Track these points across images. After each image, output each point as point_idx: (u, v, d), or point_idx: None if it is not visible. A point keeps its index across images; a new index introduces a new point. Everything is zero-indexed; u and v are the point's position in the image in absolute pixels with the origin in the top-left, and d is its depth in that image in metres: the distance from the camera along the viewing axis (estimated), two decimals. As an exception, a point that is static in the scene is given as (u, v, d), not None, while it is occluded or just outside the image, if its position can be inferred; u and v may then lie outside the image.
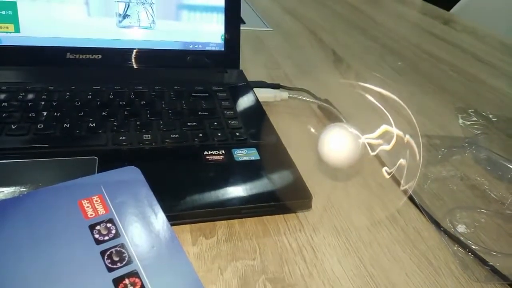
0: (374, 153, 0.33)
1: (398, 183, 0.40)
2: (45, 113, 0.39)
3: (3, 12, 0.45)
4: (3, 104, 0.39)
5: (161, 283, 0.25)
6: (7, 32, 0.45)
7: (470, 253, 0.34)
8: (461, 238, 0.35)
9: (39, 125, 0.37)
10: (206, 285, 0.28)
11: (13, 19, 0.45)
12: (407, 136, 0.30)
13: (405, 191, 0.39)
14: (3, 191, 0.30)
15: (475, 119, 0.57)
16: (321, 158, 0.31)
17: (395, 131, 0.30)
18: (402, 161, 0.31)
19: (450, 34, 1.01)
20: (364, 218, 0.36)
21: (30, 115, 0.38)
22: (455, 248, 0.34)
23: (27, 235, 0.26)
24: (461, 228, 0.37)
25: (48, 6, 0.46)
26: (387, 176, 0.40)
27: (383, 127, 0.30)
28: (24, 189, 0.30)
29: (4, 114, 0.38)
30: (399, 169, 0.35)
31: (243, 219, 0.34)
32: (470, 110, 0.59)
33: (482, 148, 0.48)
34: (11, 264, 0.24)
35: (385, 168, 0.40)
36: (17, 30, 0.46)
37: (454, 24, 1.08)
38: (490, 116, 0.58)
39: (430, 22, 1.10)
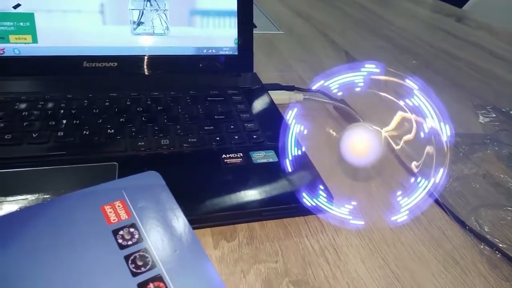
0: (399, 147, 0.32)
1: (427, 174, 0.39)
2: (64, 121, 0.39)
3: (21, 24, 0.46)
4: (23, 113, 0.40)
5: (185, 287, 0.25)
6: (25, 43, 0.46)
7: (497, 252, 0.33)
8: (488, 236, 0.34)
9: (59, 133, 0.38)
10: (229, 288, 0.28)
11: (31, 30, 0.46)
12: (427, 119, 0.29)
13: (432, 190, 0.38)
14: (26, 199, 0.30)
15: (494, 115, 0.56)
16: (344, 159, 0.31)
17: (413, 116, 0.29)
18: (428, 149, 0.30)
19: (464, 31, 0.99)
20: (386, 218, 0.36)
21: (50, 123, 0.39)
22: (482, 247, 0.34)
23: (51, 241, 0.26)
24: (487, 226, 0.36)
25: (65, 17, 0.47)
26: (415, 170, 0.39)
27: (399, 114, 0.30)
28: (47, 196, 0.31)
29: (25, 123, 0.38)
30: (425, 167, 0.34)
31: (264, 221, 0.34)
32: (488, 107, 0.58)
33: (504, 144, 0.47)
34: (35, 271, 0.24)
35: (414, 162, 0.39)
36: (35, 40, 0.46)
37: (468, 21, 1.07)
38: (511, 112, 0.57)
39: (443, 19, 1.08)
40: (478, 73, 0.73)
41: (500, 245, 0.34)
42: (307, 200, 0.32)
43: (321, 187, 0.34)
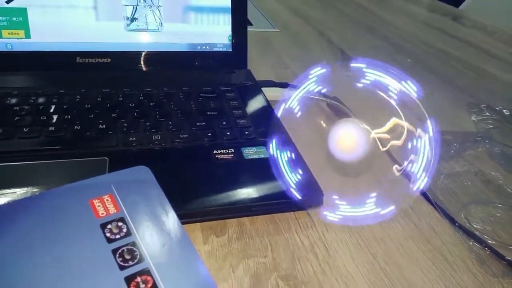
0: (385, 149, 0.32)
1: (409, 179, 0.40)
2: (56, 116, 0.39)
3: (14, 19, 0.45)
4: (15, 108, 0.40)
5: (173, 281, 0.25)
6: (18, 38, 0.46)
7: (486, 248, 0.33)
8: (477, 233, 0.35)
9: (50, 128, 0.38)
10: (218, 282, 0.28)
11: (24, 25, 0.46)
12: (419, 130, 0.29)
13: (417, 187, 0.38)
14: (15, 192, 0.30)
15: (487, 114, 0.56)
16: (330, 153, 0.31)
17: (405, 124, 0.29)
18: (413, 156, 0.31)
19: (460, 30, 0.99)
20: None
21: (41, 118, 0.39)
22: (471, 243, 0.34)
23: (39, 234, 0.26)
24: (476, 223, 0.36)
25: (58, 12, 0.47)
26: (397, 174, 0.39)
27: (393, 120, 0.30)
28: (36, 190, 0.31)
29: (16, 118, 0.38)
30: (411, 165, 0.34)
31: (254, 217, 0.34)
32: (482, 105, 0.58)
33: (496, 142, 0.47)
34: (24, 264, 0.24)
35: (395, 166, 0.40)
36: (27, 36, 0.46)
37: (464, 20, 1.07)
38: (504, 110, 0.57)
39: (439, 19, 1.09)
40: (473, 72, 0.73)
41: (489, 241, 0.34)
42: (293, 193, 0.32)
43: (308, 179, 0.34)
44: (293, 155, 0.35)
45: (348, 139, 0.30)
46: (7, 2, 0.45)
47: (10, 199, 0.30)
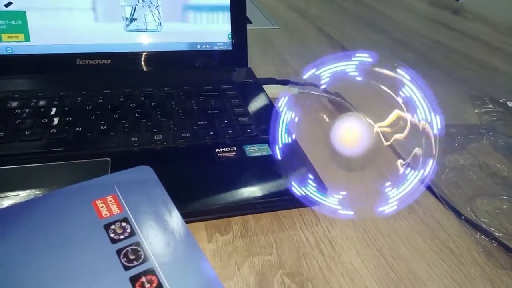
0: (388, 143, 0.32)
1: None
2: (57, 118, 0.39)
3: (13, 22, 0.45)
4: (16, 111, 0.40)
5: (178, 280, 0.25)
6: (18, 42, 0.46)
7: (493, 241, 0.33)
8: (483, 225, 0.34)
9: (51, 130, 0.38)
10: (223, 281, 0.28)
11: (23, 29, 0.46)
12: (422, 122, 0.29)
13: (422, 180, 0.38)
14: (18, 195, 0.30)
15: (491, 106, 0.56)
16: (334, 148, 0.31)
17: (408, 116, 0.29)
18: (417, 150, 0.30)
19: (461, 23, 0.99)
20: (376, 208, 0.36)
21: (42, 120, 0.39)
22: (478, 236, 0.33)
23: (42, 236, 0.26)
24: (482, 216, 0.36)
25: (57, 14, 0.47)
26: (401, 169, 0.39)
27: (395, 112, 0.29)
28: (39, 192, 0.30)
29: (17, 121, 0.38)
30: (415, 159, 0.34)
31: (258, 214, 0.34)
32: (485, 98, 0.57)
33: (500, 134, 0.47)
34: (28, 266, 0.24)
35: (400, 160, 0.39)
36: (27, 39, 0.46)
37: (465, 13, 1.06)
38: (507, 102, 0.56)
39: (440, 12, 1.08)
40: (475, 64, 0.72)
41: (496, 233, 0.34)
42: (296, 189, 0.32)
43: (312, 176, 0.34)
44: (295, 151, 0.35)
45: (351, 133, 0.30)
46: (6, 6, 0.45)
47: (13, 201, 0.30)
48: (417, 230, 0.34)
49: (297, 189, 0.32)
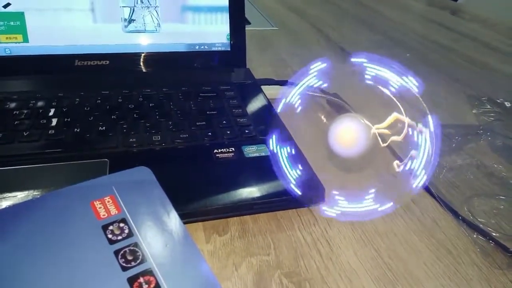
0: (385, 144, 0.32)
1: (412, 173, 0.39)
2: (55, 119, 0.39)
3: (12, 23, 0.45)
4: (14, 112, 0.40)
5: (176, 281, 0.25)
6: (16, 43, 0.46)
7: (490, 241, 0.33)
8: (481, 225, 0.34)
9: (50, 131, 0.38)
10: (221, 281, 0.28)
11: (22, 30, 0.46)
12: (419, 125, 0.29)
13: (419, 181, 0.38)
14: (16, 196, 0.30)
15: (489, 106, 0.56)
16: (331, 148, 0.31)
17: (406, 119, 0.29)
18: (414, 151, 0.30)
19: (459, 24, 0.99)
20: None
21: (41, 121, 0.39)
22: (475, 236, 0.34)
23: (41, 237, 0.26)
24: (480, 216, 0.36)
25: (55, 15, 0.47)
26: (398, 170, 0.39)
27: (393, 115, 0.30)
28: (37, 193, 0.30)
29: (16, 122, 0.38)
30: (412, 159, 0.34)
31: (256, 215, 0.34)
32: (483, 98, 0.58)
33: (498, 134, 0.47)
34: (26, 266, 0.24)
35: (396, 161, 0.40)
36: (25, 40, 0.46)
37: (463, 14, 1.07)
38: (505, 103, 0.56)
39: (438, 13, 1.08)
40: (473, 65, 0.72)
41: (493, 234, 0.34)
42: (294, 187, 0.32)
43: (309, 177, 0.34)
44: (293, 152, 0.35)
45: (349, 134, 0.30)
46: (4, 7, 0.45)
47: (11, 202, 0.30)
48: (415, 230, 0.34)
49: (295, 190, 0.32)
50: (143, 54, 0.50)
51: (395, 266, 0.30)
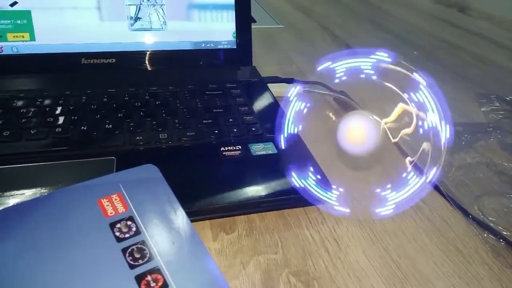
0: (396, 139, 0.32)
1: (420, 171, 0.39)
2: (62, 117, 0.39)
3: (19, 22, 0.46)
4: (22, 110, 0.40)
5: (183, 279, 0.25)
6: (23, 41, 0.46)
7: (501, 240, 0.33)
8: (491, 224, 0.34)
9: (57, 129, 0.38)
10: (228, 280, 0.28)
11: (28, 28, 0.46)
12: (428, 113, 0.28)
13: (429, 179, 0.38)
14: (24, 194, 0.30)
15: (497, 104, 0.55)
16: (340, 146, 0.30)
17: (414, 109, 0.29)
18: (425, 145, 0.30)
19: (466, 21, 0.98)
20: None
21: (48, 120, 0.39)
22: (485, 235, 0.33)
23: (48, 235, 0.26)
24: (490, 215, 0.35)
25: (62, 14, 0.47)
26: (410, 166, 0.39)
27: (400, 106, 0.29)
28: (44, 191, 0.30)
29: (23, 120, 0.38)
30: (422, 157, 0.34)
31: (263, 213, 0.34)
32: (492, 96, 0.57)
33: (507, 132, 0.47)
34: (33, 264, 0.24)
35: (408, 158, 0.39)
36: (32, 38, 0.46)
37: (470, 11, 1.06)
38: (514, 100, 0.56)
39: (445, 10, 1.07)
40: (481, 62, 0.72)
41: (504, 232, 0.33)
42: (296, 181, 0.32)
43: (319, 176, 0.34)
44: (300, 150, 0.35)
45: (359, 132, 0.29)
46: (11, 5, 0.45)
47: (18, 200, 0.30)
48: (424, 229, 0.34)
49: (297, 181, 0.32)
50: (149, 52, 0.50)
51: (404, 265, 0.30)
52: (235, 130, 0.40)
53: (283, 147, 0.33)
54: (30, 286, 0.24)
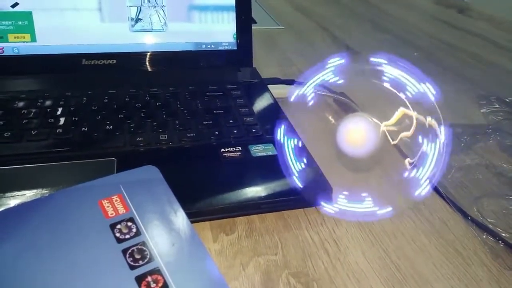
0: (395, 142, 0.32)
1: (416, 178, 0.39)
2: (63, 118, 0.39)
3: (20, 23, 0.46)
4: (22, 111, 0.40)
5: (184, 280, 0.25)
6: (24, 42, 0.46)
7: (500, 241, 0.33)
8: (490, 226, 0.34)
9: (58, 130, 0.38)
10: (228, 281, 0.28)
11: (29, 29, 0.46)
12: (428, 118, 0.29)
13: (428, 181, 0.38)
14: (25, 195, 0.30)
15: (497, 106, 0.55)
16: (340, 148, 0.31)
17: (414, 114, 0.29)
18: (424, 148, 0.30)
19: (466, 22, 0.98)
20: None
21: (49, 120, 0.39)
22: (484, 236, 0.33)
23: (48, 236, 0.26)
24: (489, 216, 0.35)
25: (63, 15, 0.47)
26: (409, 167, 0.39)
27: (400, 110, 0.29)
28: (45, 192, 0.31)
29: (24, 121, 0.39)
30: (421, 159, 0.34)
31: (263, 214, 0.34)
32: (491, 97, 0.57)
33: (507, 134, 0.47)
34: (34, 265, 0.25)
35: (407, 159, 0.39)
36: (33, 39, 0.46)
37: (470, 12, 1.06)
38: (514, 102, 0.56)
39: (445, 11, 1.07)
40: (481, 63, 0.72)
41: (503, 234, 0.33)
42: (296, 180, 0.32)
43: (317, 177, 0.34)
44: (300, 152, 0.35)
45: (358, 134, 0.30)
46: (13, 7, 0.45)
47: (19, 201, 0.30)
48: (423, 231, 0.34)
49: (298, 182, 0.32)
50: (149, 53, 0.50)
51: (403, 267, 0.30)
52: (235, 131, 0.40)
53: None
54: (30, 287, 0.24)
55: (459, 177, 0.40)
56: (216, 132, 0.39)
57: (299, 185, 0.32)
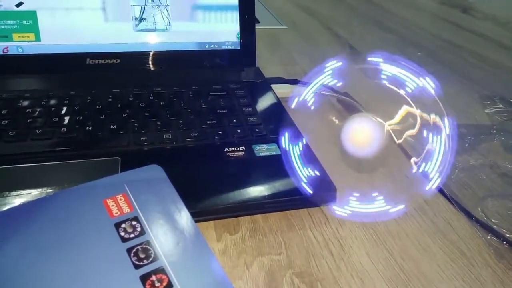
0: (400, 141, 0.32)
1: (424, 173, 0.39)
2: (67, 118, 0.40)
3: (24, 22, 0.46)
4: (27, 110, 0.40)
5: (188, 279, 0.25)
6: (28, 41, 0.46)
7: (505, 242, 0.33)
8: (495, 227, 0.34)
9: (62, 129, 0.38)
10: (232, 280, 0.28)
11: (34, 28, 0.46)
12: (433, 116, 0.29)
13: (433, 184, 0.38)
14: (30, 193, 0.30)
15: (501, 106, 0.55)
16: (344, 148, 0.31)
17: (418, 112, 0.29)
18: (430, 145, 0.30)
19: (471, 22, 0.98)
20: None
21: (53, 120, 0.39)
22: (489, 237, 0.33)
23: (53, 235, 0.26)
24: (493, 217, 0.35)
25: (67, 14, 0.47)
26: (415, 167, 0.39)
27: (404, 108, 0.29)
28: (50, 191, 0.31)
29: (29, 120, 0.39)
30: (425, 158, 0.34)
31: (267, 214, 0.34)
32: (496, 97, 0.57)
33: (511, 134, 0.46)
34: (38, 264, 0.25)
35: (413, 158, 0.39)
36: (38, 38, 0.47)
37: (474, 12, 1.05)
38: (518, 102, 0.56)
39: (449, 11, 1.07)
40: (485, 63, 0.71)
41: (507, 235, 0.33)
42: (304, 185, 0.32)
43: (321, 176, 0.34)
44: (304, 151, 0.35)
45: (363, 134, 0.30)
46: (17, 6, 0.45)
47: (24, 200, 0.30)
48: (427, 231, 0.34)
49: (306, 188, 0.32)
50: (153, 53, 0.50)
51: (407, 267, 0.30)
52: (239, 131, 0.40)
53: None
54: (35, 286, 0.24)
55: (463, 177, 0.40)
56: (220, 132, 0.39)
57: (309, 190, 0.32)
